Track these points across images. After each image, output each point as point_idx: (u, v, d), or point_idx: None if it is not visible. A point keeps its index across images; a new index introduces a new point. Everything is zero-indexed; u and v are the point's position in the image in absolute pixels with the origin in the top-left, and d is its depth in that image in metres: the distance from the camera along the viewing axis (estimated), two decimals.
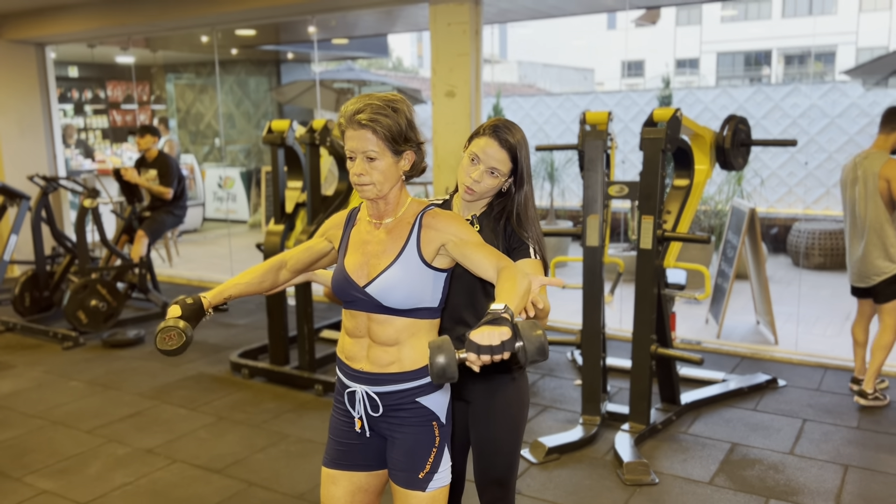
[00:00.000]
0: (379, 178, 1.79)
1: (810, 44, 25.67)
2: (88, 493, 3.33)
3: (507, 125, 2.04)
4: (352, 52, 11.14)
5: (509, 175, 2.03)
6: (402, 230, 1.87)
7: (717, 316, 5.52)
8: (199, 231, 10.85)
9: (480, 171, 2.01)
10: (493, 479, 2.17)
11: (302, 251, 2.04)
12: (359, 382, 1.91)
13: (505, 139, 2.00)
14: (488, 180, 2.01)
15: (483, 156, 2.00)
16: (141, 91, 12.15)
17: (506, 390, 2.11)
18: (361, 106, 1.77)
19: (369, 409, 1.92)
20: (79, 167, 9.84)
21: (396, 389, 1.88)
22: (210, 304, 1.95)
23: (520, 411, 2.15)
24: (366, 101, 1.78)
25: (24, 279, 6.20)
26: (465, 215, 2.09)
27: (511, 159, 2.01)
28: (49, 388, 4.68)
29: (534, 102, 10.40)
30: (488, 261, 1.78)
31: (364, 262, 1.88)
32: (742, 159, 4.28)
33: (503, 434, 2.13)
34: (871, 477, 3.34)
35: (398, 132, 1.77)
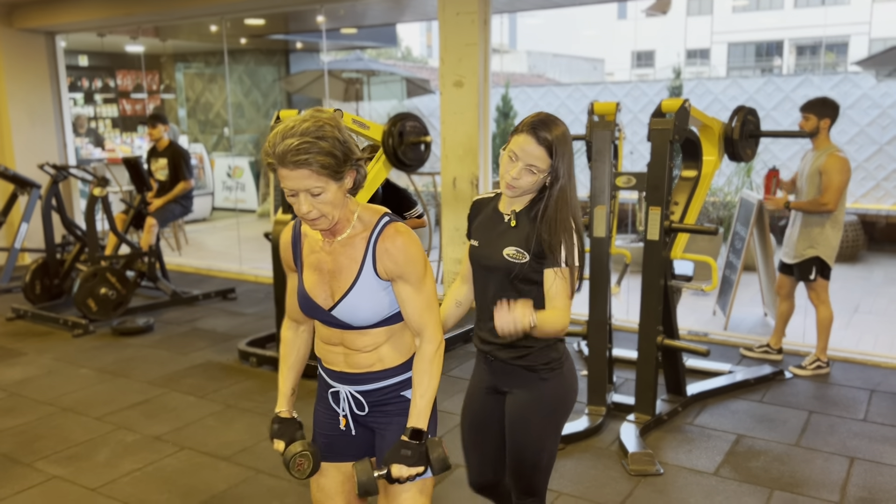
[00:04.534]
0: (328, 210, 1.70)
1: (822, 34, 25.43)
2: (97, 479, 3.37)
3: (546, 120, 2.01)
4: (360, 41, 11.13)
5: (549, 171, 2.01)
6: (357, 247, 1.80)
7: (725, 307, 5.51)
8: (208, 220, 10.89)
9: (518, 168, 2.00)
10: (523, 479, 2.19)
11: (295, 300, 1.95)
12: (341, 383, 1.91)
13: (542, 136, 1.98)
14: (527, 177, 2.00)
15: (521, 153, 1.99)
16: (150, 80, 12.18)
17: (536, 389, 2.12)
18: (289, 145, 1.62)
19: (354, 408, 1.92)
20: (89, 156, 9.89)
21: (380, 386, 1.88)
22: (290, 409, 1.96)
23: (550, 412, 2.14)
24: (291, 136, 1.63)
25: (35, 267, 6.24)
26: (507, 210, 2.10)
27: (549, 155, 1.99)
28: (59, 376, 4.73)
29: (543, 93, 10.37)
30: (415, 316, 1.82)
31: (323, 281, 1.83)
32: (751, 150, 4.26)
33: (525, 435, 2.14)
34: (876, 469, 3.34)
35: (335, 160, 1.66)
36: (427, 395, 1.82)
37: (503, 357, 2.14)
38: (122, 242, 6.25)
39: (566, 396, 2.17)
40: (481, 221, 2.17)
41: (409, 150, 4.76)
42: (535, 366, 2.11)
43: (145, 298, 6.52)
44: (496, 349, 2.14)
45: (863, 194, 8.23)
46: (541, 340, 2.09)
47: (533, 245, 2.02)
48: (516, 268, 2.04)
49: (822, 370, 4.48)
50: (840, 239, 4.40)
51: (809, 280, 4.43)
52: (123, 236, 6.22)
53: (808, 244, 4.38)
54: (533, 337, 2.04)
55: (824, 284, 4.43)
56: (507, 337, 1.92)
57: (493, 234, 2.11)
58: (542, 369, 2.12)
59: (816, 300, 4.49)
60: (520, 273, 2.05)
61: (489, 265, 2.09)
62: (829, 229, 4.34)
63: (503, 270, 2.06)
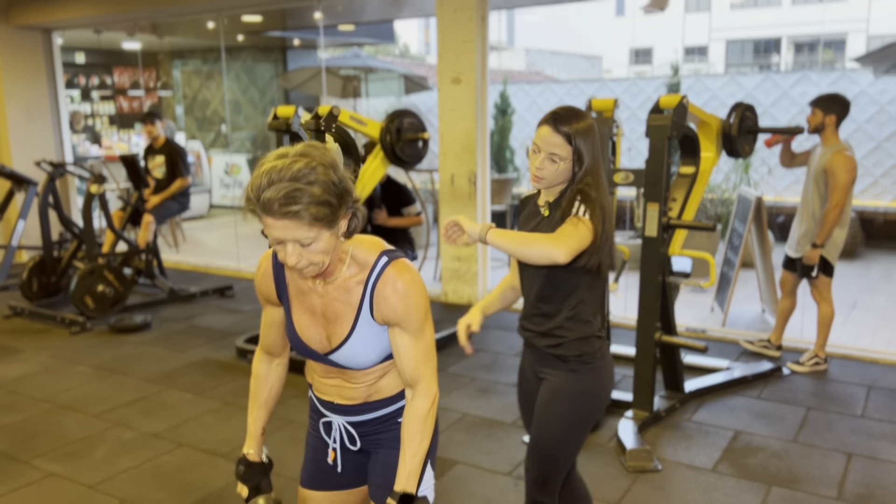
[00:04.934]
0: (319, 259, 1.51)
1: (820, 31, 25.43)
2: (95, 476, 3.36)
3: (565, 111, 2.08)
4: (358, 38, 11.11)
5: (573, 159, 2.07)
6: (353, 291, 1.64)
7: (723, 304, 5.51)
8: (206, 217, 10.88)
9: (541, 158, 2.08)
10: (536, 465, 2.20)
11: (271, 333, 1.82)
12: (335, 413, 1.79)
13: (560, 125, 2.05)
14: (549, 166, 2.07)
15: (542, 143, 2.07)
16: (147, 77, 12.16)
17: (565, 378, 2.16)
18: (275, 193, 1.41)
19: (346, 442, 1.81)
20: (86, 153, 9.88)
21: (376, 416, 1.77)
22: (260, 451, 1.85)
23: (576, 404, 2.15)
24: (278, 181, 1.42)
25: (32, 264, 6.23)
26: (541, 200, 2.19)
27: (568, 142, 2.05)
28: (56, 373, 4.72)
29: (541, 90, 10.36)
30: (410, 368, 1.66)
31: (316, 324, 1.69)
32: (749, 147, 4.26)
33: (547, 421, 2.16)
34: (874, 465, 3.34)
35: (330, 209, 1.46)
36: (419, 455, 1.66)
37: (539, 344, 2.20)
38: (119, 240, 6.24)
39: (595, 393, 2.18)
40: (524, 216, 2.28)
41: (407, 146, 4.75)
42: (567, 356, 2.15)
43: (143, 296, 6.51)
44: (534, 336, 2.21)
45: (861, 191, 8.23)
46: (573, 331, 2.14)
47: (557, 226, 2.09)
48: None
49: (819, 367, 4.48)
50: (845, 237, 4.37)
51: (811, 277, 4.42)
52: (121, 233, 6.21)
53: (812, 241, 4.35)
54: (565, 328, 2.14)
55: (827, 282, 4.42)
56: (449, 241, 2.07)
57: (530, 225, 2.21)
58: (574, 360, 2.15)
59: (818, 297, 4.48)
60: None
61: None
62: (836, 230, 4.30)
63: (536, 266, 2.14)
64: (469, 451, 3.53)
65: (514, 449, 3.55)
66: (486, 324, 5.50)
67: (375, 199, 5.09)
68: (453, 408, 4.05)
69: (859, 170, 8.10)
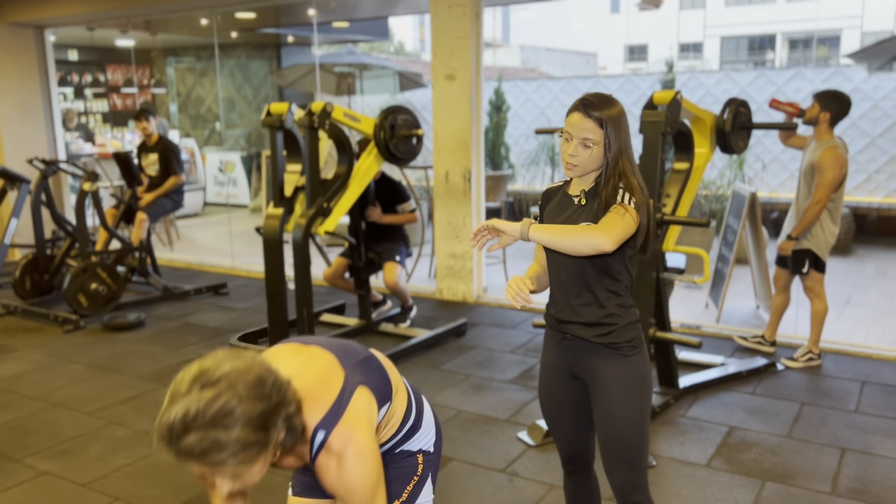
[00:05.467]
0: (253, 481, 1.38)
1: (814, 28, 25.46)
2: (88, 474, 3.35)
3: (594, 97, 2.05)
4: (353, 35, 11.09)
5: (604, 143, 2.04)
6: (303, 452, 1.53)
7: (717, 300, 5.52)
8: (200, 215, 10.85)
9: (574, 145, 2.05)
10: (619, 460, 2.16)
11: None
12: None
13: (590, 110, 2.02)
14: (582, 152, 2.04)
15: (573, 130, 2.04)
16: (141, 75, 12.11)
17: (620, 366, 2.12)
18: (192, 443, 1.25)
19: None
20: (79, 151, 9.84)
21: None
22: None
23: (637, 388, 2.13)
24: (186, 432, 1.26)
25: (25, 263, 6.21)
26: (576, 190, 2.15)
27: (600, 126, 2.02)
28: (50, 371, 4.70)
29: (535, 86, 10.35)
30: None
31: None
32: (742, 143, 4.26)
33: (622, 409, 2.11)
34: (867, 460, 3.35)
35: (257, 446, 1.31)
36: None
37: (584, 335, 2.13)
38: (112, 238, 6.22)
39: (648, 375, 2.17)
40: (551, 208, 2.22)
41: (401, 143, 4.74)
42: (618, 343, 2.11)
43: (136, 294, 6.49)
44: (578, 328, 2.14)
45: (854, 187, 8.25)
46: (623, 318, 2.11)
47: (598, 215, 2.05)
48: None
49: (813, 362, 4.49)
50: (836, 233, 4.36)
51: (802, 273, 4.43)
52: (114, 231, 6.19)
53: (803, 237, 4.36)
54: (616, 314, 2.11)
55: (818, 278, 4.43)
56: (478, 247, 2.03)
57: (563, 216, 2.15)
58: (626, 346, 2.11)
59: (811, 293, 4.49)
60: None
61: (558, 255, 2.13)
62: (824, 224, 4.31)
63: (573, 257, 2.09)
64: (464, 448, 3.53)
65: (508, 445, 3.55)
66: (479, 320, 5.50)
67: (369, 197, 5.08)
68: (448, 405, 4.05)
69: (853, 166, 8.19)
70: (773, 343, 4.76)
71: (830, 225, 4.33)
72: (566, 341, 2.19)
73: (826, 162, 4.15)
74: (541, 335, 5.14)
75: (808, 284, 4.45)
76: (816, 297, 4.47)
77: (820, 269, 4.41)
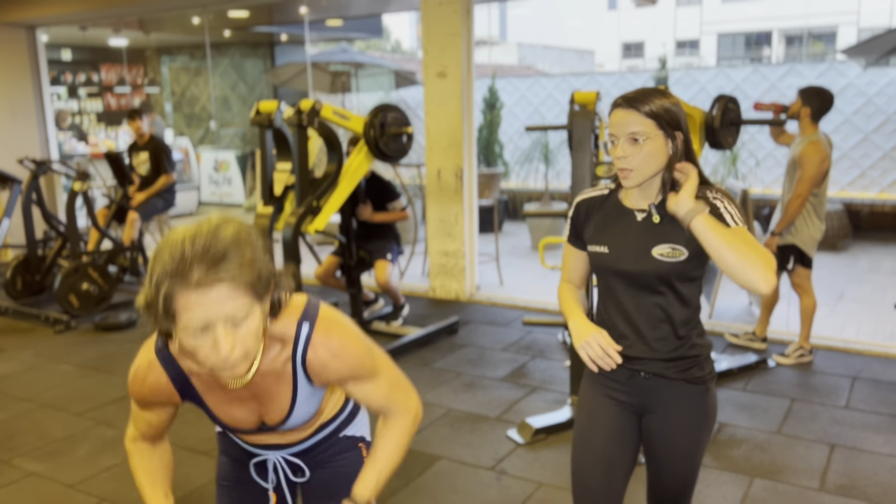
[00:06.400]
0: (252, 343, 1.27)
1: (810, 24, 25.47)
2: (76, 474, 3.34)
3: (638, 91, 1.76)
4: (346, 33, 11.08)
5: (663, 136, 1.72)
6: (281, 370, 1.44)
7: (709, 296, 5.51)
8: (195, 215, 10.83)
9: (621, 145, 1.74)
10: (678, 500, 2.03)
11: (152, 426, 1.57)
12: (270, 450, 1.62)
13: (630, 102, 1.73)
14: (632, 150, 1.72)
15: (617, 129, 1.75)
16: (135, 74, 12.09)
17: (701, 401, 1.89)
18: (199, 256, 1.18)
19: (290, 475, 1.64)
20: (72, 151, 9.82)
21: (321, 438, 1.64)
22: None
23: (711, 425, 1.93)
24: (201, 245, 1.18)
25: (16, 263, 6.19)
26: (638, 205, 1.82)
27: (648, 116, 1.71)
28: (39, 372, 4.69)
29: (530, 83, 10.33)
30: (382, 403, 1.53)
31: (247, 408, 1.49)
32: (732, 138, 4.24)
33: (696, 449, 1.92)
34: (856, 456, 3.34)
35: (258, 275, 1.24)
36: (387, 469, 1.54)
37: (662, 371, 1.84)
38: (104, 237, 6.20)
39: (716, 407, 1.96)
40: (602, 223, 1.87)
41: (391, 141, 4.73)
42: (702, 377, 1.86)
43: (128, 294, 6.47)
44: (653, 364, 1.85)
45: (848, 183, 8.25)
46: (704, 347, 1.87)
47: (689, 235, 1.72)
48: (672, 267, 1.77)
49: (804, 358, 4.48)
50: (821, 229, 4.36)
51: (788, 269, 4.43)
52: (105, 231, 6.17)
53: (787, 232, 4.37)
54: (698, 345, 1.85)
55: (805, 273, 4.43)
56: (680, 212, 1.68)
57: (628, 235, 1.81)
58: (709, 379, 1.88)
59: (799, 289, 4.48)
60: (678, 272, 1.78)
61: (634, 271, 1.80)
62: (808, 219, 4.32)
63: (653, 274, 1.78)
64: (453, 446, 3.52)
65: (497, 443, 3.54)
66: (471, 318, 5.49)
67: (360, 195, 5.06)
68: (438, 403, 4.04)
69: (847, 161, 8.19)
70: (765, 339, 4.75)
71: (815, 220, 4.32)
72: (636, 379, 1.89)
73: (807, 157, 4.16)
74: (532, 333, 5.13)
75: (796, 280, 4.45)
76: (805, 292, 4.46)
77: (806, 265, 4.40)
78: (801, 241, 4.34)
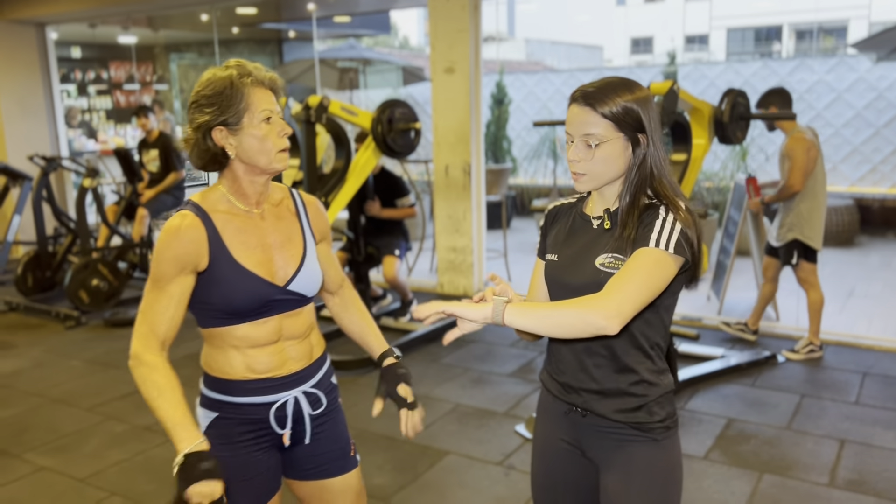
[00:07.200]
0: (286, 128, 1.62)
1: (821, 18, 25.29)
2: (85, 469, 3.36)
3: (596, 84, 1.52)
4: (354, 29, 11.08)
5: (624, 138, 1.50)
6: (286, 216, 1.71)
7: (719, 292, 5.49)
8: None
9: (574, 147, 1.53)
10: None
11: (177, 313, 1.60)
12: (289, 388, 1.70)
13: (587, 99, 1.50)
14: (585, 153, 1.51)
15: (572, 128, 1.53)
16: (144, 71, 12.13)
17: (649, 454, 1.56)
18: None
19: (310, 408, 1.73)
20: (82, 148, 9.86)
21: (324, 373, 1.79)
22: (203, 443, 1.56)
23: (668, 485, 1.59)
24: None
25: (27, 259, 6.23)
26: (598, 211, 1.60)
27: (606, 117, 1.48)
28: (49, 367, 4.72)
29: (538, 79, 10.31)
30: (336, 271, 1.85)
31: (267, 258, 1.64)
32: (741, 133, 4.23)
33: None
34: (866, 451, 3.33)
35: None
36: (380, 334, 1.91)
37: (602, 411, 1.57)
38: (113, 234, 6.23)
39: (680, 464, 1.63)
40: (561, 231, 1.66)
41: (399, 136, 4.72)
42: (650, 423, 1.55)
43: (138, 290, 6.50)
44: (592, 398, 1.59)
45: (859, 178, 8.19)
46: (656, 387, 1.57)
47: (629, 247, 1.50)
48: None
49: (814, 354, 4.46)
50: (823, 220, 4.39)
51: (792, 264, 4.44)
52: (115, 228, 6.20)
53: (788, 227, 4.39)
54: (647, 382, 1.56)
55: (811, 268, 4.41)
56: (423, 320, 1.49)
57: (579, 243, 1.60)
58: (658, 428, 1.56)
59: (805, 284, 4.48)
60: None
61: (576, 284, 1.56)
62: (807, 212, 4.34)
63: (593, 287, 1.50)
64: (461, 441, 3.52)
65: (505, 439, 3.54)
66: None
67: (368, 191, 5.07)
68: (445, 398, 4.04)
69: (857, 156, 8.14)
70: (756, 332, 4.77)
71: (815, 213, 4.35)
72: (573, 416, 1.63)
73: (794, 148, 4.27)
74: None
75: (801, 275, 4.45)
76: (811, 287, 4.45)
77: (811, 260, 4.41)
78: (802, 234, 4.36)
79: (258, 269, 1.63)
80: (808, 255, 4.39)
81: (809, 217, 4.33)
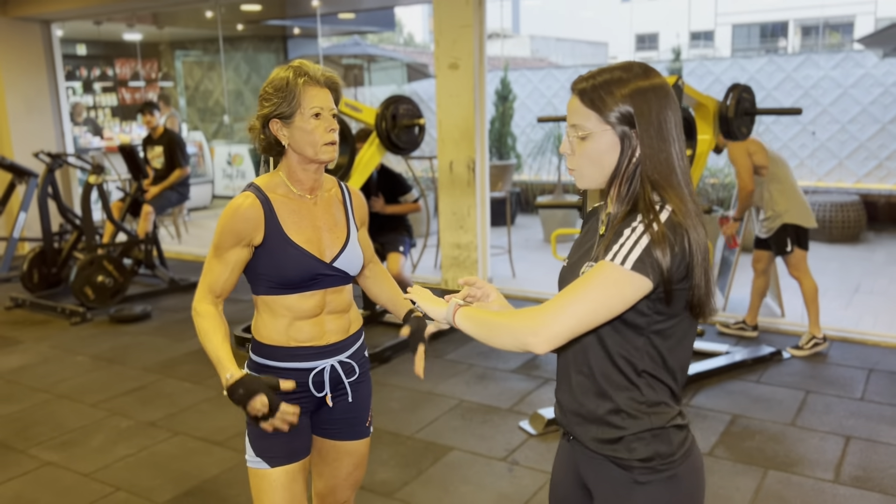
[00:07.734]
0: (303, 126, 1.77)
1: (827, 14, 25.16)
2: (91, 464, 3.37)
3: (593, 72, 1.36)
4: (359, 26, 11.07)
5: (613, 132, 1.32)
6: (334, 203, 1.92)
7: (724, 288, 5.47)
8: (209, 208, 10.89)
9: (567, 140, 1.39)
10: None
11: (231, 276, 1.82)
12: (326, 357, 1.90)
13: (576, 84, 1.36)
14: (572, 146, 1.37)
15: (568, 119, 1.39)
16: (149, 69, 12.15)
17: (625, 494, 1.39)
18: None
19: (344, 376, 1.94)
20: (87, 145, 9.89)
21: (359, 346, 1.99)
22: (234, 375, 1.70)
23: None
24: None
25: (33, 256, 6.25)
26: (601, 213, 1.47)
27: (589, 106, 1.33)
28: (55, 363, 4.73)
29: (542, 75, 10.29)
30: (369, 251, 2.01)
31: (317, 237, 1.85)
32: (746, 129, 4.22)
33: None
34: (872, 448, 3.32)
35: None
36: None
37: (582, 438, 1.43)
38: (118, 230, 6.25)
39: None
40: (580, 236, 1.55)
41: (403, 133, 4.73)
42: (628, 460, 1.37)
43: (143, 286, 6.52)
44: (574, 422, 1.44)
45: (865, 174, 8.16)
46: (636, 421, 1.37)
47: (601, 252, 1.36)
48: None
49: (819, 346, 4.44)
50: (803, 198, 4.46)
51: (787, 252, 4.47)
52: (120, 224, 6.22)
53: (775, 216, 4.44)
54: (625, 413, 1.37)
55: (802, 255, 4.46)
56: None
57: (584, 247, 1.47)
58: (640, 468, 1.37)
59: (796, 274, 4.51)
60: None
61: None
62: (778, 193, 4.42)
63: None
64: (465, 437, 3.52)
65: (509, 434, 3.54)
66: None
67: (372, 187, 5.06)
68: (450, 394, 4.04)
69: (864, 152, 8.10)
70: (755, 328, 4.78)
71: (791, 196, 4.42)
72: (565, 441, 1.53)
73: (732, 157, 4.42)
74: None
75: (793, 263, 4.48)
76: (803, 275, 4.48)
77: (803, 246, 4.46)
78: (791, 217, 4.40)
79: (308, 246, 1.82)
80: (801, 241, 4.44)
81: (791, 200, 4.39)
